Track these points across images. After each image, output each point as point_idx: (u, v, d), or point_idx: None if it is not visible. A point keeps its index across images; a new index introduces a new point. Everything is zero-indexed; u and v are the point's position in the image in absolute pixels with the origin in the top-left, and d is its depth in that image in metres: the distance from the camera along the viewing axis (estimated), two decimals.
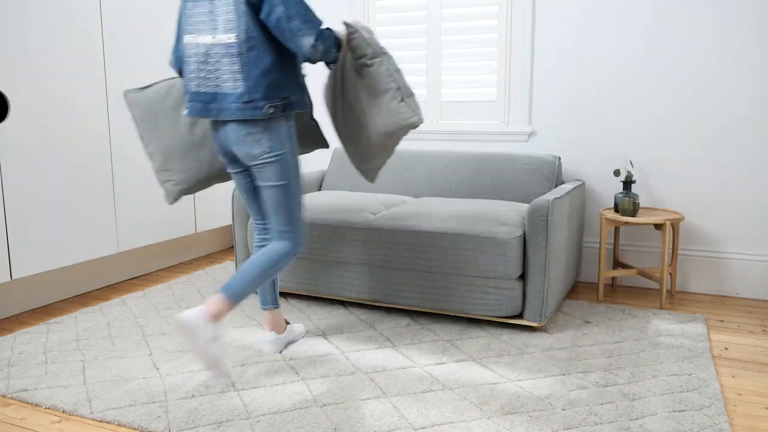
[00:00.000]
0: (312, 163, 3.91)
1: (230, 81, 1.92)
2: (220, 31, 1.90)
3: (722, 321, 2.68)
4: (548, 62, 3.24)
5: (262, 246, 2.31)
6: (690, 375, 2.08)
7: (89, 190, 2.96)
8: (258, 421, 1.78)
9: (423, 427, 1.74)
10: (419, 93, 3.52)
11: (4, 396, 1.97)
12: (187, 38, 1.98)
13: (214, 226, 3.82)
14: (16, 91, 2.60)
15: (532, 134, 3.32)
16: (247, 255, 3.01)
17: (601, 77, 3.15)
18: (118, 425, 1.79)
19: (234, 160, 2.12)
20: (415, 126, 2.08)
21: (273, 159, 1.99)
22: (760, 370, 2.17)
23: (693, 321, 2.63)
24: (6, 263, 2.60)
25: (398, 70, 2.10)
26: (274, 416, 1.81)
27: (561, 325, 2.58)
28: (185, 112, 2.08)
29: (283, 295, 3.04)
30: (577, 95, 3.21)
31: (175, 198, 2.37)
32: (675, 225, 2.94)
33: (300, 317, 2.69)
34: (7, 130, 2.57)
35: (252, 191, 2.21)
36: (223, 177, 2.41)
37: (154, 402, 1.90)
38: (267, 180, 2.02)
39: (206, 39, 1.93)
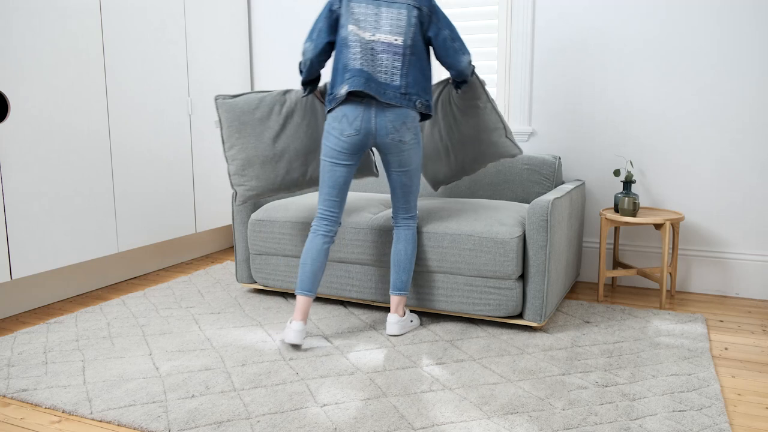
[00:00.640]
0: None
1: (386, 73, 2.23)
2: (383, 32, 2.24)
3: (722, 321, 2.68)
4: (548, 62, 3.24)
5: (327, 235, 2.36)
6: (690, 375, 2.08)
7: (89, 190, 2.96)
8: (258, 421, 1.78)
9: (423, 427, 1.74)
10: None
11: (4, 396, 1.97)
12: (351, 28, 2.26)
13: (214, 226, 3.82)
14: (16, 91, 2.60)
15: (532, 134, 3.32)
16: (247, 255, 3.02)
17: (601, 77, 3.15)
18: (118, 425, 1.79)
19: (357, 151, 2.30)
20: (514, 156, 2.61)
21: (416, 145, 2.33)
22: (760, 370, 2.17)
23: (693, 321, 2.63)
24: (6, 263, 2.60)
25: (502, 115, 2.64)
26: (274, 416, 1.81)
27: (561, 325, 2.58)
28: (345, 89, 2.22)
29: (284, 295, 3.04)
30: (577, 95, 3.21)
31: (244, 201, 2.60)
32: (675, 225, 2.94)
33: None
34: (7, 130, 2.57)
35: (346, 185, 2.36)
36: (291, 189, 2.68)
37: (154, 402, 1.90)
38: (407, 165, 2.33)
39: (365, 35, 2.25)
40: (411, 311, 2.68)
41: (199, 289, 3.12)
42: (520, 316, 2.52)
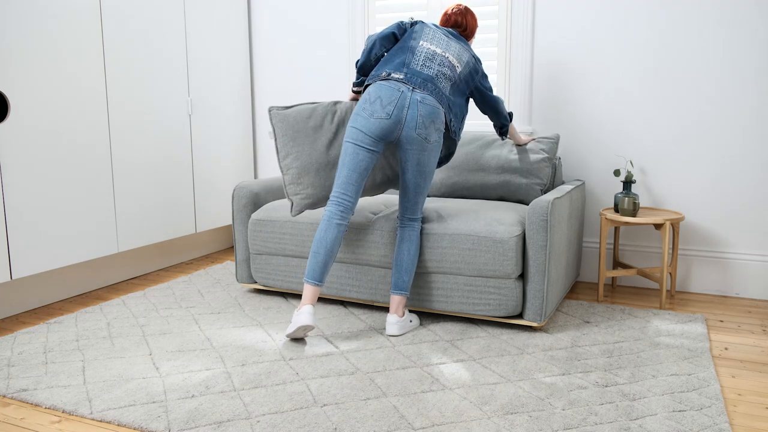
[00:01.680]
0: None
1: (441, 81, 2.41)
2: (451, 53, 2.48)
3: (722, 321, 2.68)
4: (548, 62, 3.24)
5: (342, 224, 2.36)
6: (690, 375, 2.08)
7: (89, 190, 2.96)
8: (258, 421, 1.78)
9: (423, 427, 1.74)
10: None
11: (4, 396, 1.97)
12: (423, 43, 2.46)
13: (214, 226, 3.82)
14: (16, 91, 2.60)
15: (532, 134, 3.32)
16: (247, 255, 3.02)
17: (601, 77, 3.15)
18: (118, 425, 1.79)
19: (382, 137, 2.34)
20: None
21: (437, 148, 2.41)
22: (760, 370, 2.17)
23: (693, 321, 2.63)
24: (6, 263, 2.60)
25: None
26: (274, 416, 1.81)
27: (561, 325, 2.58)
28: (402, 76, 2.36)
29: (284, 295, 3.04)
30: (577, 95, 3.21)
31: (300, 211, 2.59)
32: (675, 225, 2.94)
33: None
34: (7, 130, 2.57)
35: (366, 171, 2.39)
36: None
37: (154, 402, 1.90)
38: (425, 165, 2.40)
39: (437, 49, 2.46)
40: (411, 311, 2.68)
41: (199, 289, 3.12)
42: (520, 316, 2.52)
